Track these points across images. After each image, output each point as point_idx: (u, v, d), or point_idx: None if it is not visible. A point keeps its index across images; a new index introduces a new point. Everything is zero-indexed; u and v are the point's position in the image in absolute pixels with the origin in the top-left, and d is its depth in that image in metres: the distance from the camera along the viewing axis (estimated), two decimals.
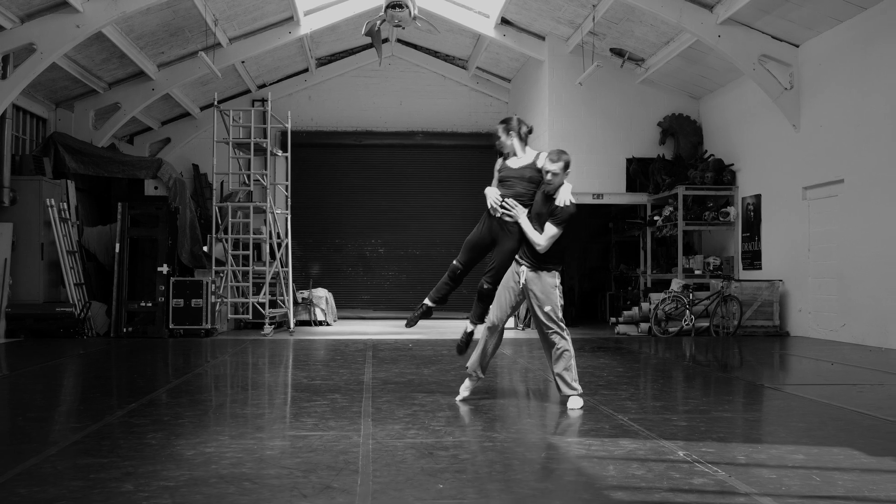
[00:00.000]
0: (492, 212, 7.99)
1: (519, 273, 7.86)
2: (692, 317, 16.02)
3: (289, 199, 19.01)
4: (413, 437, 6.43)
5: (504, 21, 18.91)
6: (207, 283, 16.55)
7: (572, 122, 18.95)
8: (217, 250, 17.72)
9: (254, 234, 17.76)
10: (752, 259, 17.00)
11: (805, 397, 8.51)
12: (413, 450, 5.96)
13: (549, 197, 7.74)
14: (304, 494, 4.79)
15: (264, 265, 18.09)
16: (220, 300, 17.06)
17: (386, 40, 21.32)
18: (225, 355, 13.05)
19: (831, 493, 4.84)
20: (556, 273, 7.86)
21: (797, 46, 15.46)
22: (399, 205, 23.14)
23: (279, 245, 18.07)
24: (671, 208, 18.01)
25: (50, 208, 16.15)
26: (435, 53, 22.98)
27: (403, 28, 16.94)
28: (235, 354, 13.12)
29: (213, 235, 17.55)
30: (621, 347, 14.22)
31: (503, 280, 8.00)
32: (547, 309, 7.75)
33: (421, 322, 8.66)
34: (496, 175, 8.18)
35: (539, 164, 7.84)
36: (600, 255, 23.06)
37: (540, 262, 7.77)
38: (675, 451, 5.89)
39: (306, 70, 22.67)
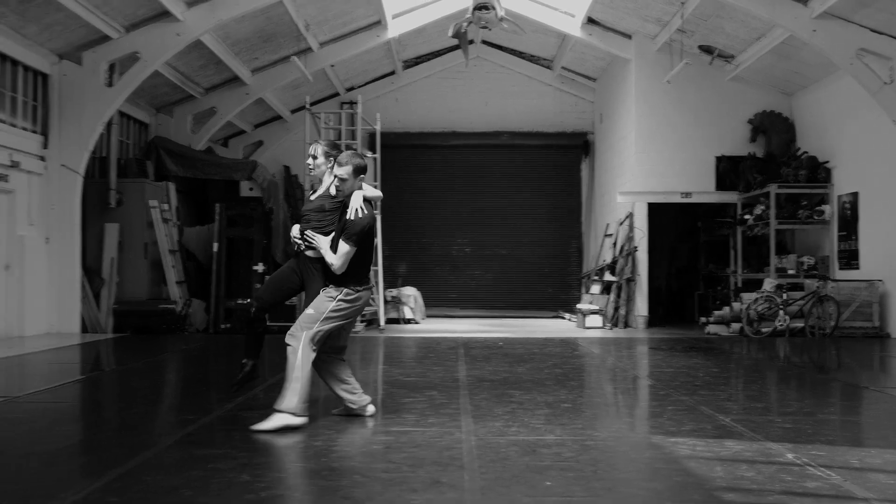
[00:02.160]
0: (296, 249, 7.12)
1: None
2: (786, 317, 15.65)
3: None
4: (514, 434, 6.43)
5: (590, 20, 18.76)
6: None
7: (659, 121, 18.71)
8: None
9: None
10: (849, 258, 16.52)
11: None
12: (516, 447, 5.96)
13: (345, 209, 6.77)
14: (414, 489, 4.83)
15: None
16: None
17: (472, 42, 21.34)
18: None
19: None
20: (351, 292, 6.75)
21: None
22: (485, 204, 23.15)
23: None
24: (763, 207, 17.62)
25: (153, 209, 16.61)
26: (520, 54, 22.91)
27: (490, 29, 16.93)
28: None
29: None
30: (713, 347, 13.97)
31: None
32: (308, 310, 6.73)
33: (508, 321, 8.39)
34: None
35: (332, 192, 6.93)
36: (688, 255, 22.71)
37: (338, 283, 6.74)
38: (784, 453, 5.77)
39: (393, 72, 22.83)
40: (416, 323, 19.68)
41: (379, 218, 18.79)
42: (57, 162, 15.25)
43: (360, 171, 6.75)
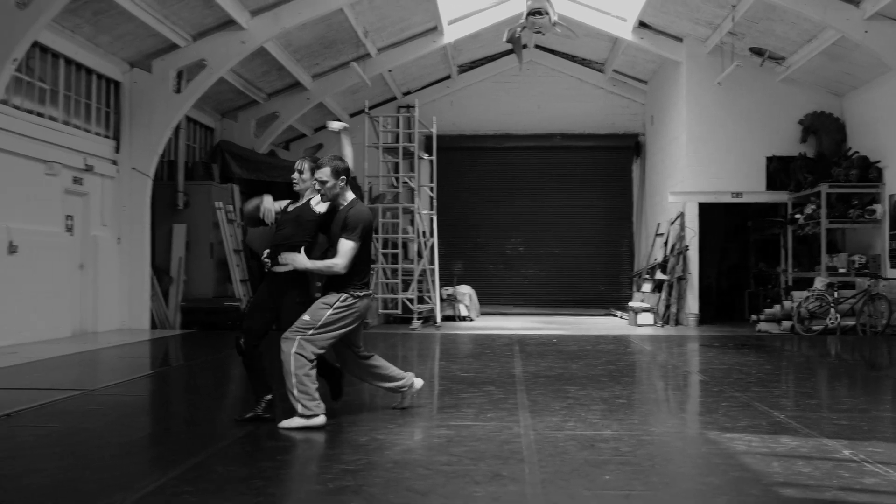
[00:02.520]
0: (265, 268, 6.85)
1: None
2: (837, 315, 15.35)
3: (434, 201, 19.21)
4: (572, 428, 6.39)
5: (641, 24, 18.58)
6: None
7: (710, 122, 18.48)
8: None
9: (402, 233, 18.05)
10: None
11: None
12: (574, 441, 5.93)
13: (335, 210, 6.60)
14: (477, 481, 4.83)
15: (412, 263, 18.34)
16: (371, 296, 17.38)
17: (525, 46, 21.25)
18: (377, 349, 13.23)
19: None
20: (350, 298, 6.52)
21: None
22: (538, 204, 23.07)
23: (425, 244, 18.28)
24: (813, 206, 17.30)
25: (218, 210, 16.83)
26: (572, 58, 22.78)
27: (544, 34, 16.87)
28: (388, 347, 13.31)
29: None
30: (764, 345, 13.76)
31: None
32: (304, 316, 6.45)
33: (561, 319, 8.33)
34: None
35: (313, 204, 6.70)
36: (739, 254, 22.39)
37: (338, 288, 6.52)
38: (840, 449, 5.66)
39: (448, 77, 22.85)
40: (471, 320, 19.67)
41: (434, 218, 18.86)
42: (128, 165, 15.54)
43: (339, 172, 6.49)
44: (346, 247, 6.41)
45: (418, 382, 7.24)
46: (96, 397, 8.10)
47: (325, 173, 6.48)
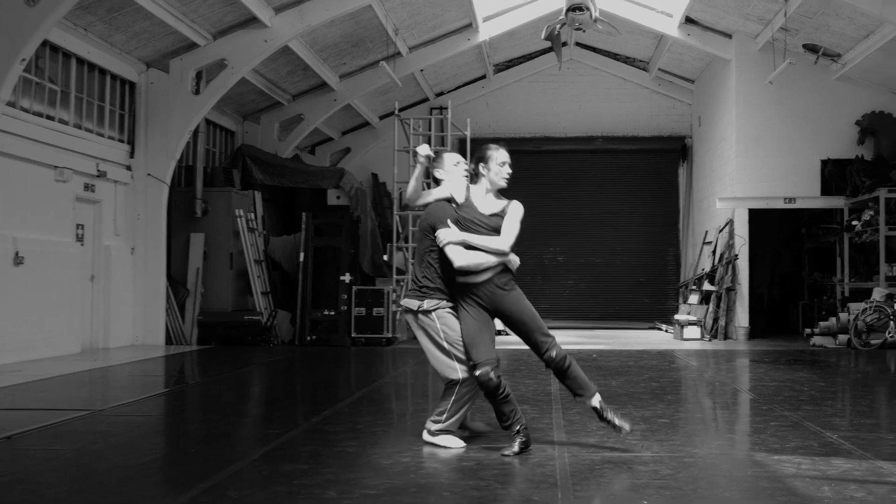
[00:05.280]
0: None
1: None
2: None
3: None
4: (609, 451, 6.33)
5: (688, 20, 18.47)
6: (388, 292, 16.88)
7: (761, 123, 18.32)
8: (397, 259, 18.04)
9: None
10: None
11: None
12: (611, 464, 5.88)
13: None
14: None
15: None
16: (400, 309, 17.40)
17: (565, 44, 21.21)
18: (406, 366, 13.24)
19: None
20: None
21: None
22: (578, 211, 22.98)
23: None
24: (871, 212, 17.09)
25: (238, 219, 16.89)
26: (615, 56, 22.70)
27: (584, 31, 16.80)
28: (417, 364, 13.29)
29: (394, 244, 17.89)
30: (819, 360, 13.60)
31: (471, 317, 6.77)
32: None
33: (602, 332, 8.25)
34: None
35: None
36: (792, 263, 22.16)
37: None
38: None
39: (483, 77, 22.86)
40: (507, 334, 19.54)
41: None
42: (143, 171, 15.66)
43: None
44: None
45: None
46: (106, 417, 8.12)
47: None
